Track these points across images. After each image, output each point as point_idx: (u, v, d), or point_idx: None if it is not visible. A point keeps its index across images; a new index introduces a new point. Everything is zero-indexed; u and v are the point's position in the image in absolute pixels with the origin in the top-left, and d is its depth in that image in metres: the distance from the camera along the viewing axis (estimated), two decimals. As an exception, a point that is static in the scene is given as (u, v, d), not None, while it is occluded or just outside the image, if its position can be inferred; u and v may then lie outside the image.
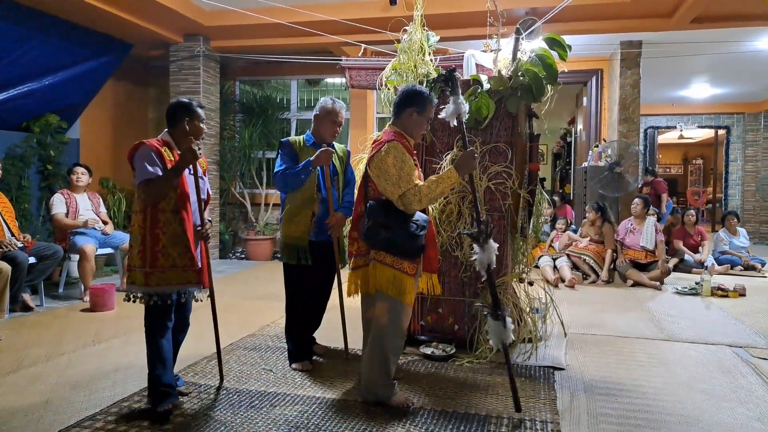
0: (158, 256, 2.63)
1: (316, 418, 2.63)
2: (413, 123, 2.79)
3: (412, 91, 2.79)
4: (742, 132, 12.28)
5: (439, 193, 2.63)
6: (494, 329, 2.74)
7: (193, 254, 2.70)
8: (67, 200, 5.40)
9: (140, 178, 2.60)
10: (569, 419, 2.67)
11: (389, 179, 2.62)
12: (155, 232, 2.62)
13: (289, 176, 3.26)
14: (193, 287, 2.76)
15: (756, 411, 2.80)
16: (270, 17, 6.27)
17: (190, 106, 2.77)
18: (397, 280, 2.66)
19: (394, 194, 2.62)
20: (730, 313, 4.90)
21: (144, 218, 2.63)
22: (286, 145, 3.39)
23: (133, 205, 2.75)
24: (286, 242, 3.34)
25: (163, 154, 2.66)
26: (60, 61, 6.27)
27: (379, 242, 2.65)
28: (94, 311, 4.75)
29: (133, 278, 2.66)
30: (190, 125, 2.75)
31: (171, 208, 2.65)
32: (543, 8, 5.61)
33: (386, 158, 2.64)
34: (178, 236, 2.66)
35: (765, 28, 6.60)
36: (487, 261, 2.72)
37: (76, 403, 2.78)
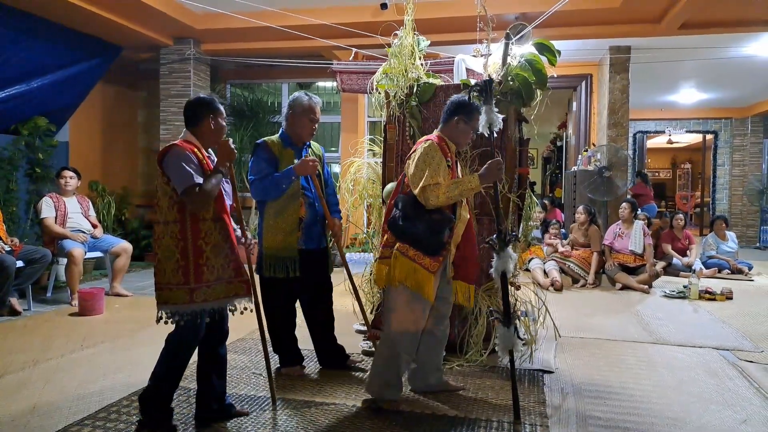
0: (203, 270, 2.39)
1: (306, 422, 2.63)
2: (459, 131, 2.85)
3: (460, 101, 2.87)
4: (730, 137, 12.43)
5: (458, 195, 2.68)
6: (503, 336, 2.74)
7: (239, 263, 2.53)
8: (56, 204, 5.36)
9: (186, 183, 2.32)
10: (558, 422, 2.69)
11: (416, 173, 2.69)
12: (198, 244, 2.39)
13: (269, 185, 3.04)
14: (241, 298, 2.55)
15: (742, 413, 2.83)
16: (261, 20, 6.27)
17: (213, 102, 2.55)
18: (417, 273, 2.68)
19: (417, 186, 2.67)
20: (717, 317, 4.95)
21: (183, 229, 2.37)
22: (263, 148, 3.13)
23: (158, 214, 2.44)
24: (271, 254, 3.09)
25: (198, 156, 2.45)
26: (49, 64, 6.24)
27: (403, 233, 2.71)
28: (82, 315, 4.71)
29: (169, 297, 2.38)
30: (215, 122, 2.53)
31: (210, 216, 2.43)
32: (533, 13, 5.66)
33: (418, 153, 2.72)
34: (220, 246, 2.45)
35: (751, 34, 6.70)
36: (502, 268, 2.75)
37: (64, 409, 2.76)
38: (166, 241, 2.40)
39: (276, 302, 3.21)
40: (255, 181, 3.07)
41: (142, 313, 4.78)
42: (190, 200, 2.35)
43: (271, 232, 3.10)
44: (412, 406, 2.83)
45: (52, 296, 5.49)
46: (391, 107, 3.89)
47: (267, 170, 3.06)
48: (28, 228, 6.05)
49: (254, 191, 3.11)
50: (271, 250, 3.10)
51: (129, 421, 2.60)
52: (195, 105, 2.54)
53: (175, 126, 7.57)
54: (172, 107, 7.57)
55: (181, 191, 2.34)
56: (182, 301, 2.38)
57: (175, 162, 2.37)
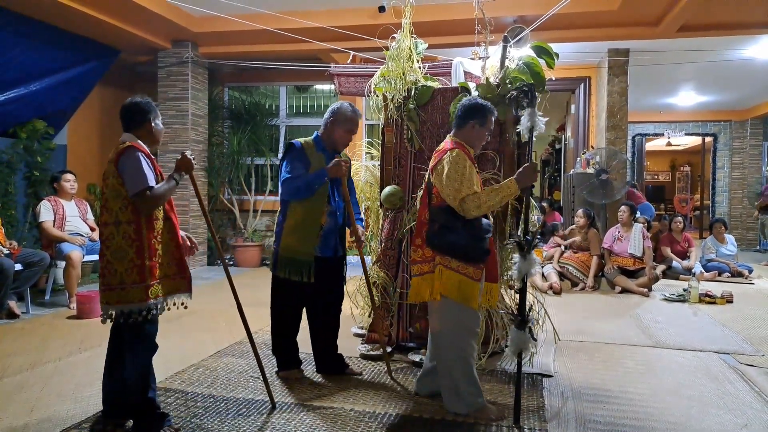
0: (156, 267, 2.45)
1: (304, 426, 2.62)
2: (475, 135, 2.85)
3: (474, 104, 2.85)
4: (729, 139, 12.42)
5: (498, 202, 2.69)
6: (516, 338, 2.72)
7: (182, 260, 2.60)
8: (54, 207, 5.35)
9: (141, 185, 2.37)
10: (557, 426, 2.67)
11: (451, 185, 2.66)
12: (152, 243, 2.44)
13: (301, 184, 3.02)
14: (182, 294, 2.61)
15: (742, 417, 2.81)
16: (258, 24, 6.27)
17: (151, 104, 2.60)
18: (462, 284, 2.68)
19: (455, 199, 2.66)
20: (717, 320, 4.93)
21: (137, 229, 2.41)
22: (297, 149, 3.12)
23: (108, 215, 2.43)
24: (287, 255, 3.09)
25: (150, 157, 2.52)
26: (47, 67, 6.23)
27: (445, 246, 2.68)
28: (80, 318, 4.70)
29: (122, 297, 2.38)
30: (155, 125, 2.59)
31: (162, 215, 2.51)
32: (531, 16, 5.66)
33: (449, 165, 2.68)
34: (168, 244, 2.53)
35: (750, 36, 6.70)
36: (525, 271, 2.74)
37: (62, 412, 2.75)
38: (118, 242, 2.40)
39: (286, 303, 3.21)
40: (288, 179, 3.04)
41: (140, 317, 4.77)
42: (142, 202, 2.39)
43: (291, 234, 3.10)
44: (411, 410, 2.81)
45: (50, 299, 5.47)
46: (389, 110, 3.89)
47: (300, 170, 3.05)
48: (26, 231, 6.04)
49: (285, 190, 3.08)
50: (287, 251, 3.10)
51: (126, 424, 2.59)
52: (134, 108, 2.58)
53: (173, 129, 7.57)
54: (170, 110, 7.57)
55: (134, 193, 2.38)
56: (138, 299, 2.40)
57: (131, 163, 2.41)
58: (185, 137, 7.56)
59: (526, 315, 2.73)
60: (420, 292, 2.76)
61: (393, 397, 3.00)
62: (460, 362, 2.74)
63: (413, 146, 3.86)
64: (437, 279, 2.70)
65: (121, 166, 2.42)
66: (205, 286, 6.44)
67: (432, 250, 2.72)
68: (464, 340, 2.75)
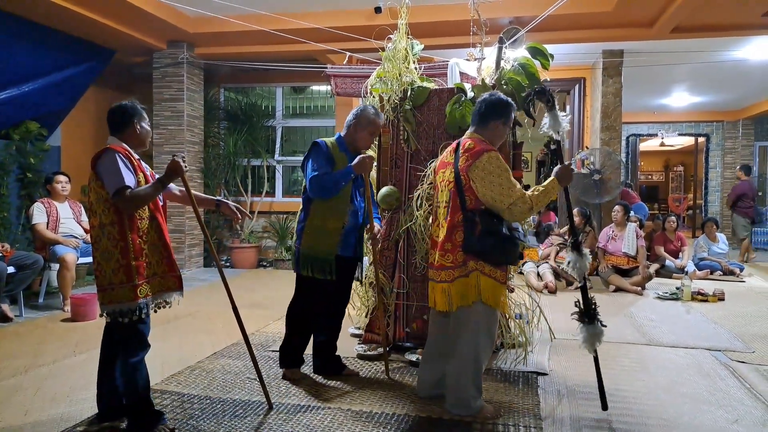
0: (143, 267, 2.47)
1: (301, 426, 2.63)
2: (498, 133, 2.82)
3: (499, 101, 2.79)
4: (721, 140, 12.51)
5: (544, 203, 2.71)
6: (590, 333, 2.77)
7: (172, 260, 2.61)
8: (48, 209, 5.33)
9: (117, 184, 2.38)
10: (552, 423, 2.69)
11: (495, 189, 2.62)
12: (137, 242, 2.46)
13: (328, 182, 3.02)
14: (173, 293, 2.62)
15: (734, 414, 2.84)
16: (255, 24, 6.27)
17: (136, 107, 2.62)
18: (495, 289, 2.68)
19: (504, 203, 2.62)
20: (709, 318, 4.97)
21: (121, 230, 2.43)
22: (321, 147, 3.12)
23: (93, 219, 2.48)
24: (309, 254, 3.10)
25: (131, 158, 2.52)
26: (40, 68, 6.21)
27: (484, 250, 2.64)
28: (75, 321, 4.69)
29: (113, 297, 2.42)
30: (140, 127, 2.61)
31: (146, 214, 2.52)
32: (526, 17, 5.69)
33: (491, 169, 2.63)
34: (155, 243, 2.54)
35: (743, 38, 6.75)
36: (582, 268, 2.78)
37: (56, 415, 2.74)
38: (104, 243, 2.44)
39: (309, 301, 3.21)
40: (315, 177, 3.02)
41: (136, 318, 4.76)
42: (121, 201, 2.40)
43: (314, 233, 3.11)
44: (408, 410, 2.83)
45: (44, 302, 5.46)
46: (385, 111, 3.90)
47: (326, 168, 3.05)
48: (19, 233, 6.01)
49: (312, 188, 3.05)
50: (310, 250, 3.10)
51: (122, 428, 2.59)
52: (119, 112, 2.60)
53: (168, 130, 7.56)
54: (165, 111, 7.56)
55: (113, 192, 2.40)
56: (127, 298, 2.43)
57: (108, 165, 2.43)
58: (181, 138, 7.55)
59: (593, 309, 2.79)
60: (450, 298, 2.70)
61: (390, 396, 3.01)
62: (474, 365, 2.73)
63: (410, 147, 3.87)
64: (473, 284, 2.66)
65: (98, 168, 2.47)
66: (201, 288, 6.44)
67: (467, 255, 2.67)
68: (486, 344, 2.76)
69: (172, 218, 7.58)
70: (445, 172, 2.84)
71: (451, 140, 3.74)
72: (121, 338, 2.51)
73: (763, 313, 5.24)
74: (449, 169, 2.80)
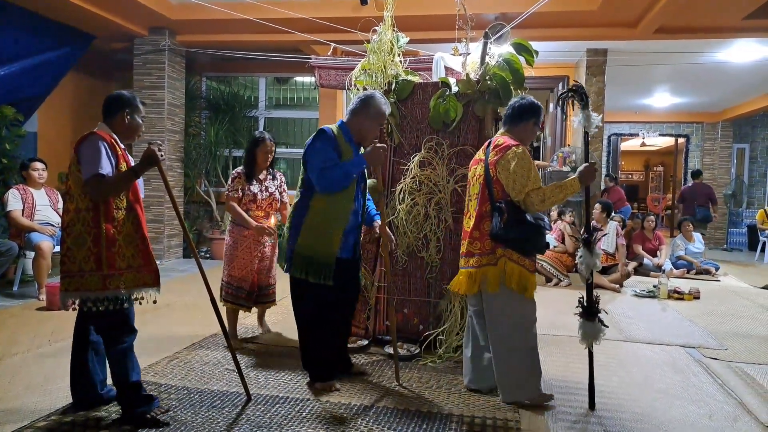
0: (115, 258, 2.43)
1: (279, 417, 2.62)
2: (529, 133, 2.96)
3: (530, 105, 2.93)
4: (701, 141, 12.72)
5: (561, 198, 2.79)
6: (588, 329, 2.84)
7: (149, 253, 2.56)
8: (23, 196, 5.22)
9: (92, 171, 2.35)
10: (529, 417, 2.72)
11: (519, 180, 2.75)
12: (111, 232, 2.41)
13: (338, 174, 2.78)
14: (149, 288, 2.56)
15: (706, 408, 2.90)
16: (238, 13, 6.19)
17: (132, 99, 2.61)
18: (522, 276, 2.79)
19: (520, 193, 2.75)
20: (684, 315, 5.06)
21: (96, 216, 2.40)
22: (329, 135, 2.86)
23: (69, 202, 2.45)
24: (305, 254, 2.87)
25: (115, 147, 2.49)
26: (17, 52, 6.06)
27: (511, 238, 2.75)
28: (50, 310, 4.61)
29: (80, 284, 2.39)
30: (130, 118, 2.58)
31: (124, 205, 2.48)
32: (512, 14, 5.71)
33: (516, 161, 2.75)
34: (131, 235, 2.49)
35: (723, 40, 6.85)
36: (591, 264, 2.85)
37: (30, 404, 2.70)
38: (78, 229, 2.42)
39: (313, 305, 2.95)
40: (324, 170, 2.77)
41: (113, 308, 4.70)
42: (91, 188, 2.37)
43: (312, 232, 2.87)
44: (385, 402, 2.83)
45: (18, 290, 5.35)
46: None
47: (336, 160, 2.81)
48: (-7, 220, 5.89)
49: (320, 180, 2.80)
50: (306, 250, 2.87)
51: (96, 416, 2.56)
52: (112, 99, 2.59)
53: (148, 119, 7.43)
54: (146, 99, 7.42)
55: (87, 178, 2.37)
56: (95, 287, 2.40)
57: (88, 149, 2.41)
58: (161, 127, 7.44)
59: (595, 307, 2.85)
60: (475, 282, 2.83)
61: (368, 389, 3.02)
62: (527, 352, 2.85)
63: (393, 140, 3.87)
64: (500, 270, 2.79)
65: (79, 151, 2.44)
66: (180, 279, 6.37)
67: (495, 242, 2.79)
68: (529, 330, 2.87)
69: (151, 208, 7.48)
70: (476, 168, 2.98)
71: (434, 134, 3.76)
72: (103, 327, 2.51)
73: (737, 311, 5.35)
74: (480, 165, 2.94)
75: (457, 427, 2.58)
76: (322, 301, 2.94)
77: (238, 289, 3.71)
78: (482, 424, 2.61)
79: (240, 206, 3.70)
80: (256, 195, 3.72)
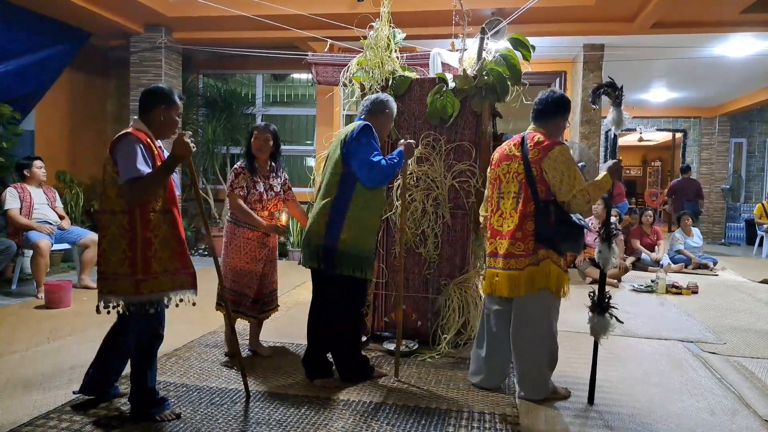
0: (151, 262, 2.37)
1: (278, 414, 2.62)
2: (561, 128, 2.94)
3: (562, 99, 2.91)
4: (698, 135, 12.72)
5: (599, 196, 2.84)
6: (598, 323, 2.87)
7: (186, 256, 2.50)
8: (21, 194, 5.21)
9: (128, 174, 2.29)
10: (527, 412, 2.73)
11: (565, 180, 2.73)
12: (146, 235, 2.36)
13: (389, 168, 2.81)
14: (186, 291, 2.51)
15: (704, 403, 2.91)
16: (235, 9, 6.17)
17: (169, 94, 2.50)
18: (560, 277, 2.83)
19: (568, 195, 2.73)
20: (683, 310, 5.07)
21: (132, 219, 2.34)
22: (373, 132, 2.90)
23: (105, 203, 2.41)
24: (352, 252, 2.83)
25: (151, 147, 2.42)
26: (13, 49, 6.05)
27: (556, 239, 2.75)
28: (49, 308, 4.60)
29: (113, 287, 2.37)
30: (165, 115, 2.49)
31: (160, 207, 2.41)
32: (508, 9, 5.70)
33: (563, 162, 2.73)
34: (168, 238, 2.43)
35: (720, 35, 6.85)
36: (607, 259, 2.90)
37: (29, 402, 2.70)
38: (113, 231, 2.37)
39: (352, 307, 2.98)
40: (376, 164, 2.78)
41: (111, 306, 4.70)
42: (127, 193, 2.32)
43: (356, 227, 2.85)
44: (384, 398, 2.84)
45: (17, 289, 5.35)
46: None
47: (381, 153, 2.86)
48: (-9, 219, 5.87)
49: (372, 175, 2.80)
50: (353, 247, 2.85)
51: (96, 414, 2.56)
52: (148, 94, 2.51)
53: (146, 116, 7.41)
54: (143, 97, 7.41)
55: (124, 180, 2.31)
56: (127, 291, 2.37)
57: (125, 150, 2.34)
58: (158, 124, 7.40)
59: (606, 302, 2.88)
60: (519, 285, 2.79)
61: (368, 384, 3.02)
62: (553, 352, 2.87)
63: (390, 137, 3.86)
64: (543, 272, 2.78)
65: (115, 153, 2.37)
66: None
67: (538, 243, 2.76)
68: (555, 330, 2.89)
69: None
70: (510, 164, 2.89)
71: (431, 130, 3.75)
72: (138, 333, 2.48)
73: (735, 305, 5.36)
74: (516, 161, 2.86)
75: (455, 422, 2.58)
76: (363, 296, 3.01)
77: (241, 296, 3.35)
78: (481, 419, 2.62)
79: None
80: (262, 195, 3.36)
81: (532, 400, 2.84)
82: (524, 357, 2.86)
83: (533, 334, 2.85)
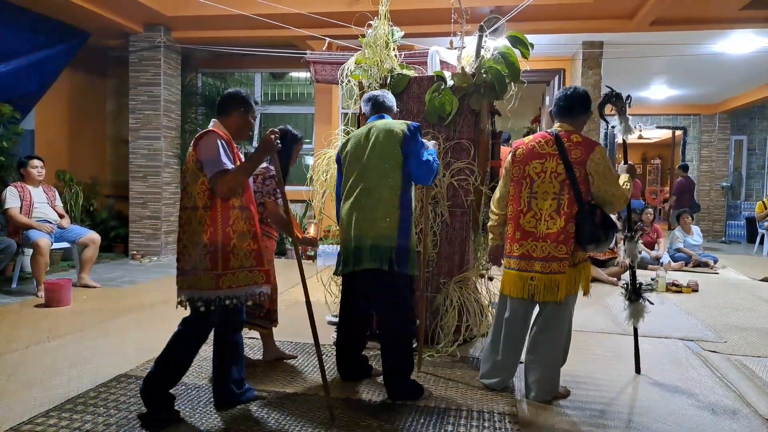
0: (230, 257, 2.41)
1: (276, 412, 2.62)
2: (584, 124, 2.96)
3: (587, 95, 2.90)
4: (698, 133, 12.70)
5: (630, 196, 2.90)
6: (634, 309, 3.15)
7: (260, 253, 2.53)
8: (21, 193, 5.21)
9: (215, 168, 2.36)
10: (526, 411, 2.73)
11: (612, 181, 2.75)
12: (226, 231, 2.41)
13: (437, 167, 2.86)
14: (260, 287, 2.52)
15: (704, 401, 2.91)
16: (234, 8, 6.17)
17: (247, 99, 2.61)
18: (588, 279, 2.91)
19: (615, 196, 2.76)
20: (683, 308, 5.07)
21: (213, 215, 2.39)
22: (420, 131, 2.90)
23: (187, 200, 2.46)
24: (413, 250, 2.83)
25: (231, 145, 2.50)
26: (13, 49, 6.05)
27: (601, 240, 2.75)
28: (49, 307, 4.60)
29: (194, 283, 2.40)
30: (243, 117, 2.58)
31: (239, 204, 2.46)
32: (507, 7, 5.68)
33: (605, 161, 2.73)
34: (245, 234, 2.47)
35: (720, 31, 6.84)
36: (633, 253, 3.16)
37: (29, 400, 2.70)
38: (194, 227, 2.41)
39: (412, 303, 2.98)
40: (433, 162, 2.80)
41: (110, 305, 4.70)
42: (219, 186, 2.37)
43: (410, 225, 2.84)
44: (383, 396, 2.83)
45: (17, 287, 5.35)
46: (365, 98, 3.86)
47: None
48: (-9, 218, 5.87)
49: (430, 173, 2.82)
50: (414, 245, 2.85)
51: (96, 412, 2.56)
52: (229, 97, 2.61)
53: (144, 115, 7.42)
54: (142, 96, 7.41)
55: (211, 176, 2.37)
56: (209, 287, 2.40)
57: (209, 147, 2.40)
58: (157, 123, 7.42)
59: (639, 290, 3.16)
60: (561, 289, 2.75)
61: (367, 383, 3.02)
62: (566, 351, 2.92)
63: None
64: (580, 275, 2.82)
65: (199, 150, 2.43)
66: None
67: (577, 245, 2.75)
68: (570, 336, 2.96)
69: (148, 204, 7.48)
70: (544, 163, 2.80)
71: (430, 128, 3.75)
72: (188, 327, 2.52)
73: (735, 304, 5.36)
74: (552, 160, 2.77)
75: (455, 420, 2.58)
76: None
77: (257, 307, 3.14)
78: (480, 417, 2.62)
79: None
80: None
81: (542, 401, 2.82)
82: (549, 361, 2.83)
83: (560, 335, 2.85)
